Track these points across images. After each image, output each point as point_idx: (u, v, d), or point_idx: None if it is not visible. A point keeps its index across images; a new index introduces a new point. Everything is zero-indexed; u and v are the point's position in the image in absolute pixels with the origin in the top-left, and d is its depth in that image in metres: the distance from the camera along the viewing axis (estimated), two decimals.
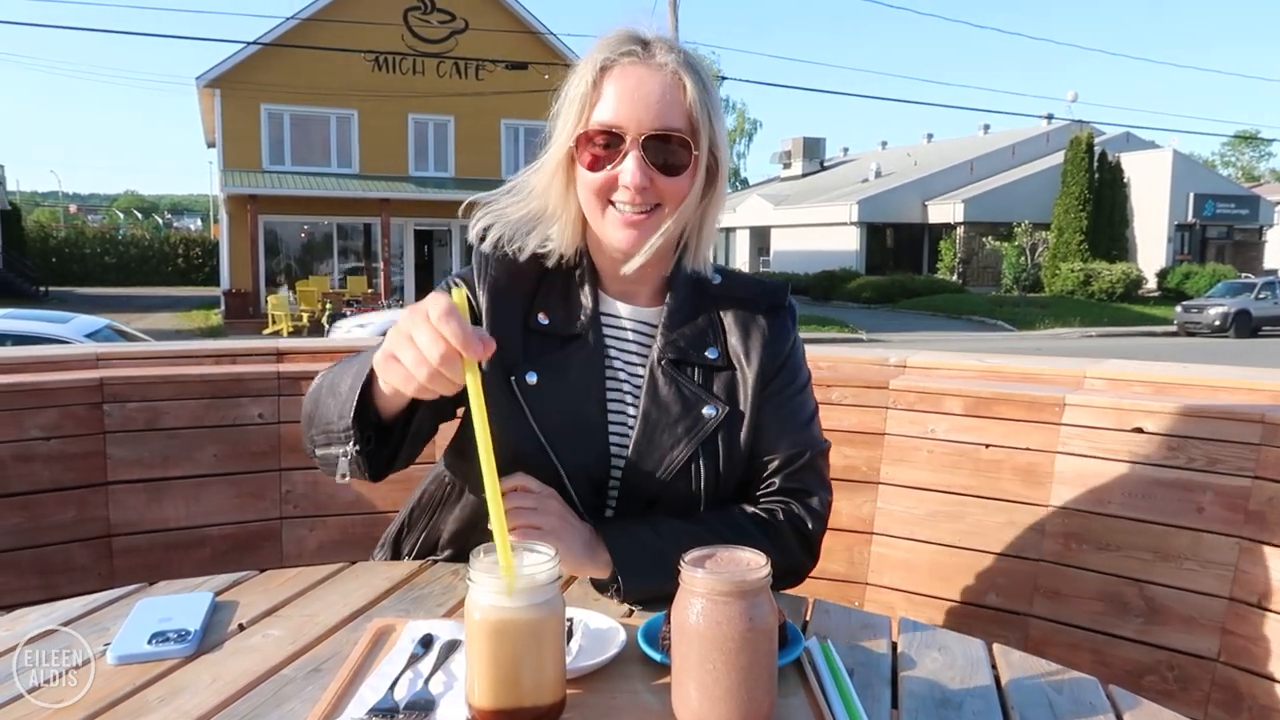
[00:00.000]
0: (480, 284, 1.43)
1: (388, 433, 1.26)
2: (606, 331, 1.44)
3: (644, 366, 1.42)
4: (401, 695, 0.99)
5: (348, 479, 1.25)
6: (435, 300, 1.02)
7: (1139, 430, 1.94)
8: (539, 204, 1.43)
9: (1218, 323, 23.74)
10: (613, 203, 1.34)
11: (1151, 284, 31.79)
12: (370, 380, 1.18)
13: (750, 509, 1.40)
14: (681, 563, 0.93)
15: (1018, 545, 2.04)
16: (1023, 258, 29.57)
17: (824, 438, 1.47)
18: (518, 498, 1.28)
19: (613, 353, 1.44)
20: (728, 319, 1.46)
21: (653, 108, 1.32)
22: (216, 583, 1.39)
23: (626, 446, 1.39)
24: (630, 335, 1.46)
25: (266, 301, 22.25)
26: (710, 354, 1.43)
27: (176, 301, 32.24)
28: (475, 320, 1.02)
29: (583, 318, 1.42)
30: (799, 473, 1.41)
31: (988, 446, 2.10)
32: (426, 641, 1.12)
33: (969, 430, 2.12)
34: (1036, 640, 1.98)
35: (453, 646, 1.10)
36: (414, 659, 1.07)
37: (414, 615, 1.28)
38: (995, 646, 1.21)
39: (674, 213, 1.35)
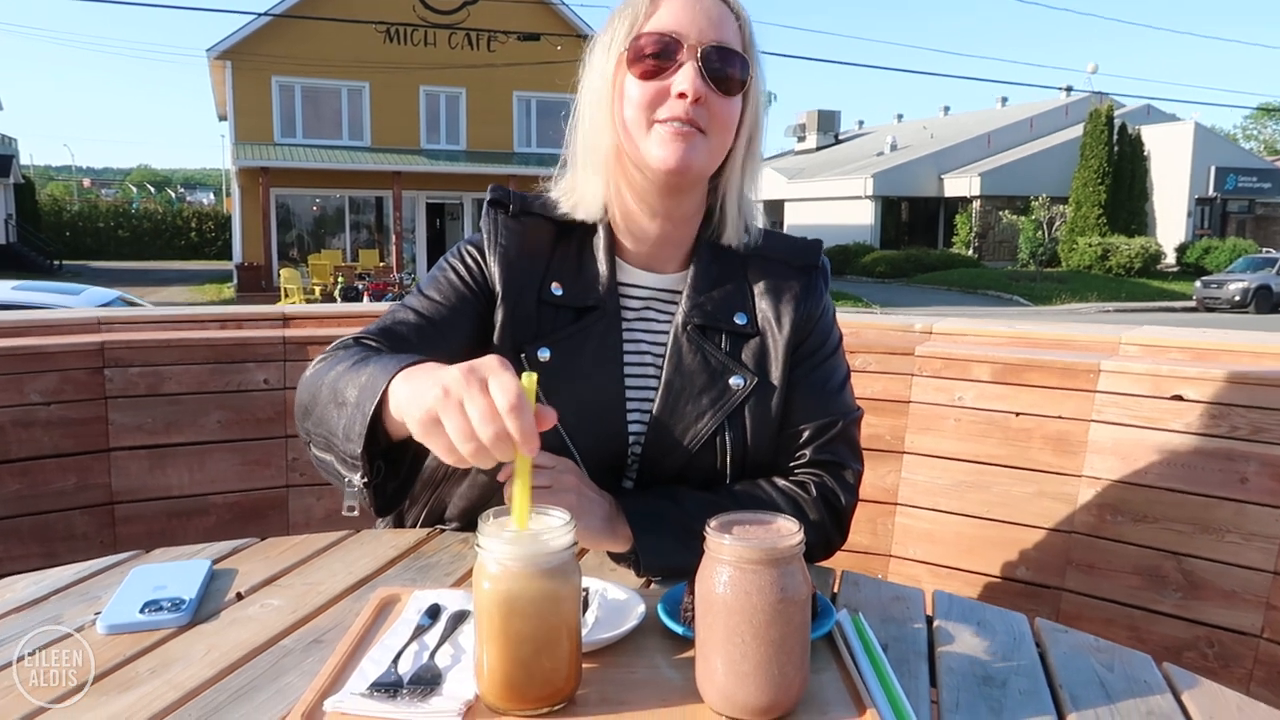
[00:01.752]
0: (491, 252, 1.35)
1: (397, 461, 1.15)
2: (626, 302, 1.36)
3: (667, 334, 1.35)
4: (406, 669, 0.93)
5: (355, 512, 1.15)
6: (498, 374, 0.89)
7: (1179, 398, 1.85)
8: (569, 151, 1.35)
9: (1238, 298, 23.44)
10: (658, 121, 1.25)
11: (1170, 259, 31.42)
12: (380, 403, 1.04)
13: (779, 482, 1.32)
14: (707, 528, 0.86)
15: (1049, 517, 1.96)
16: (1039, 232, 29.25)
17: (856, 405, 1.40)
18: (535, 474, 1.21)
19: (633, 324, 1.36)
20: (757, 283, 1.38)
21: (713, 20, 1.25)
22: (215, 550, 1.33)
23: (647, 420, 1.32)
24: (653, 304, 1.38)
25: (279, 275, 22.22)
26: (739, 320, 1.35)
27: (189, 275, 32.28)
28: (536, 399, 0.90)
29: (600, 288, 1.34)
30: (831, 443, 1.34)
31: (1017, 415, 2.02)
32: (433, 612, 1.06)
33: (998, 398, 2.04)
34: (1069, 615, 1.91)
35: (461, 617, 1.04)
36: (419, 630, 1.00)
37: (421, 584, 1.21)
38: (1038, 621, 1.13)
39: (720, 142, 1.27)
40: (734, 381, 1.32)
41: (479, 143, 26.03)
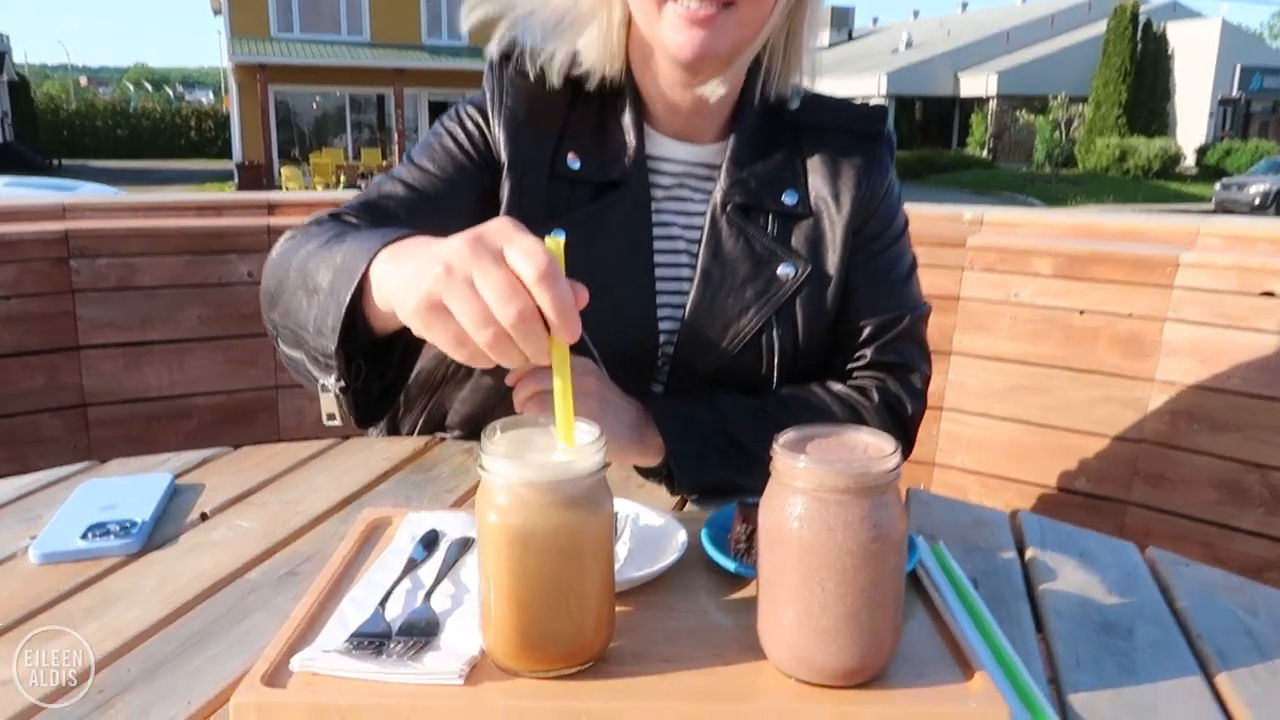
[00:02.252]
0: (495, 115, 1.13)
1: (382, 358, 0.95)
2: (655, 178, 1.15)
3: (704, 216, 1.13)
4: (395, 614, 0.75)
5: (336, 420, 0.95)
6: (516, 238, 0.68)
7: (1269, 294, 1.65)
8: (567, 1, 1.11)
9: (1257, 201, 22.89)
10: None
11: (1190, 161, 30.69)
12: (360, 288, 0.84)
13: (835, 386, 1.13)
14: (775, 446, 0.67)
15: (1115, 424, 1.78)
16: (1057, 132, 28.51)
17: (923, 298, 1.19)
18: (541, 374, 1.01)
19: (663, 203, 1.15)
20: (811, 154, 1.16)
21: None
22: (180, 462, 1.15)
23: (680, 317, 1.12)
24: (687, 181, 1.16)
25: (280, 174, 21.79)
26: (788, 198, 1.14)
27: (189, 175, 31.74)
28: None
29: (625, 160, 1.13)
30: (895, 342, 1.14)
31: (1081, 313, 1.81)
32: (430, 540, 0.88)
33: (1060, 294, 1.84)
34: (1134, 530, 1.75)
35: (464, 546, 0.86)
36: (412, 565, 0.82)
37: (416, 504, 1.03)
38: (1150, 551, 0.95)
39: (753, 12, 1.03)
40: (782, 270, 1.12)
41: (483, 38, 25.18)
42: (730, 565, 0.81)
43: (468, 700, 0.65)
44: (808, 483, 0.64)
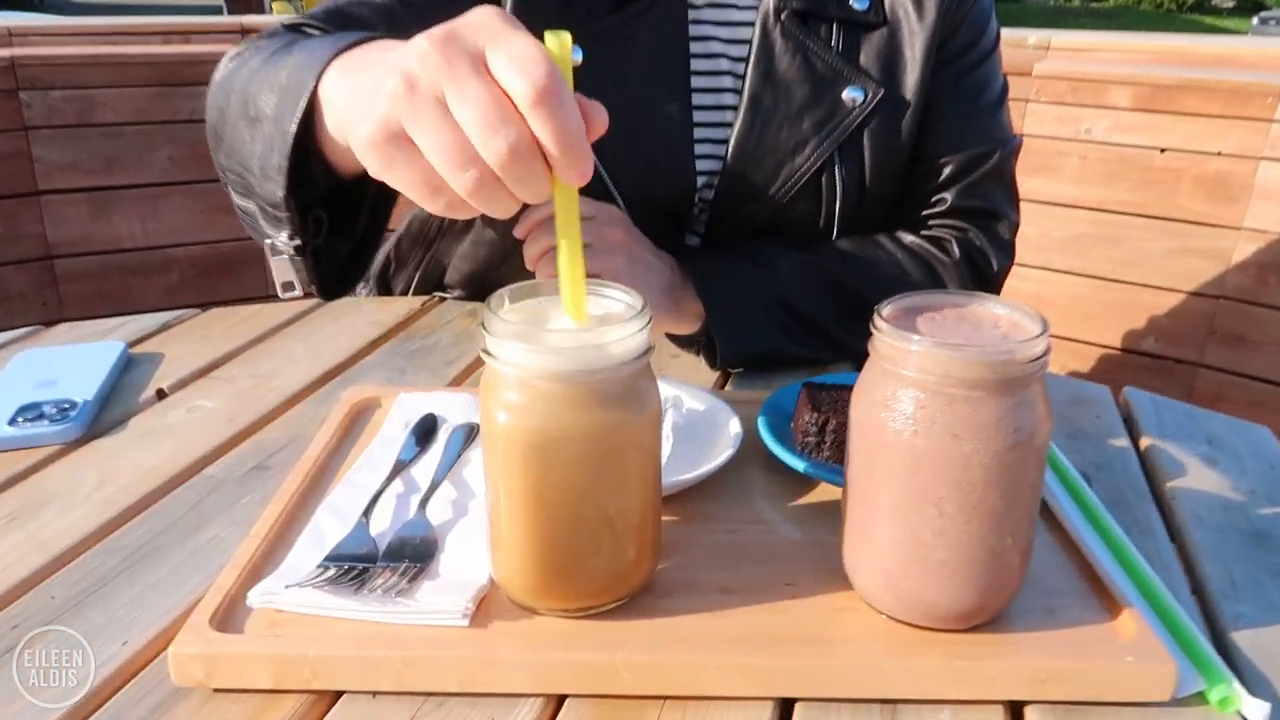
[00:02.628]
0: None
1: (349, 207, 0.76)
2: None
3: (751, 28, 0.92)
4: (383, 527, 0.60)
5: (295, 292, 0.76)
6: (503, 35, 0.48)
7: None
8: None
9: None
10: None
11: None
12: (311, 113, 0.64)
13: (905, 237, 0.95)
14: (877, 318, 0.50)
15: (1192, 278, 1.60)
16: None
17: (1014, 129, 0.99)
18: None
19: (702, 11, 0.93)
20: None
21: None
22: (136, 327, 0.99)
23: (722, 155, 0.92)
24: None
25: (269, 3, 20.80)
26: (857, 3, 0.92)
27: (178, 7, 30.40)
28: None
29: None
30: (981, 184, 0.95)
31: (1163, 151, 1.60)
32: (426, 428, 0.72)
33: (1139, 130, 1.62)
34: (1205, 395, 1.59)
35: (470, 435, 0.71)
36: (401, 466, 0.67)
37: (410, 379, 0.87)
38: None
39: None
40: (849, 95, 0.91)
41: None
42: (799, 464, 0.65)
43: (475, 650, 0.51)
44: (926, 371, 0.48)
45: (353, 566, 0.55)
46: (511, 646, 0.51)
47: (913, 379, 0.48)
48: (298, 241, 0.71)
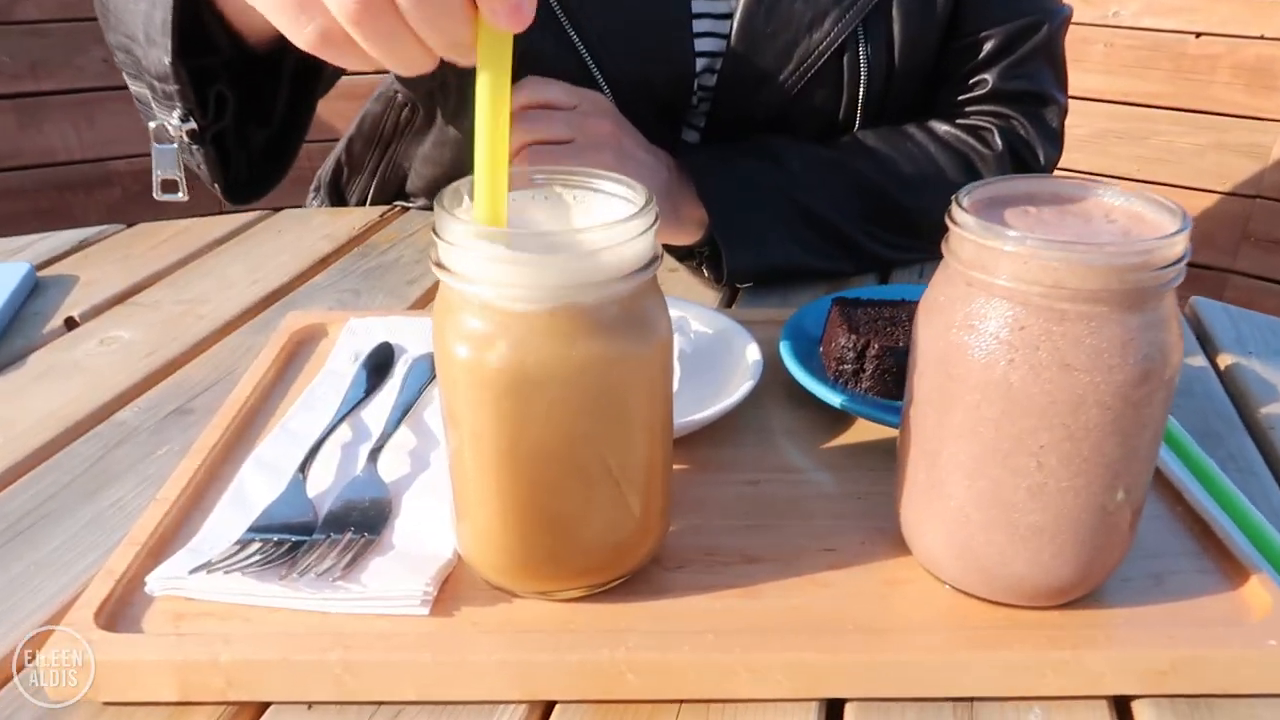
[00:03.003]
0: None
1: (264, 83, 0.63)
2: None
3: None
4: (324, 487, 0.48)
5: (179, 194, 0.63)
6: None
7: None
8: None
9: None
10: None
11: None
12: None
13: (939, 127, 0.82)
14: (957, 210, 0.38)
15: (1226, 176, 1.47)
16: None
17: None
18: (538, 119, 0.68)
19: None
20: None
21: None
22: (47, 246, 0.85)
23: (726, 33, 0.78)
24: None
25: None
26: None
27: None
28: None
29: None
30: (1027, 62, 0.82)
31: (1198, 36, 1.46)
32: (380, 362, 0.60)
33: (1172, 11, 1.48)
34: (1236, 304, 1.48)
35: (433, 369, 0.59)
36: (348, 408, 0.55)
37: (364, 305, 0.75)
38: None
39: None
40: None
41: None
42: (834, 398, 0.53)
43: (434, 649, 0.39)
44: (1029, 280, 0.35)
45: (283, 540, 0.44)
46: (484, 642, 0.40)
47: (1009, 291, 0.36)
48: (192, 125, 0.58)
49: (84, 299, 0.75)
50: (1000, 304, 0.37)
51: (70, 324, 0.72)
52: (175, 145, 0.59)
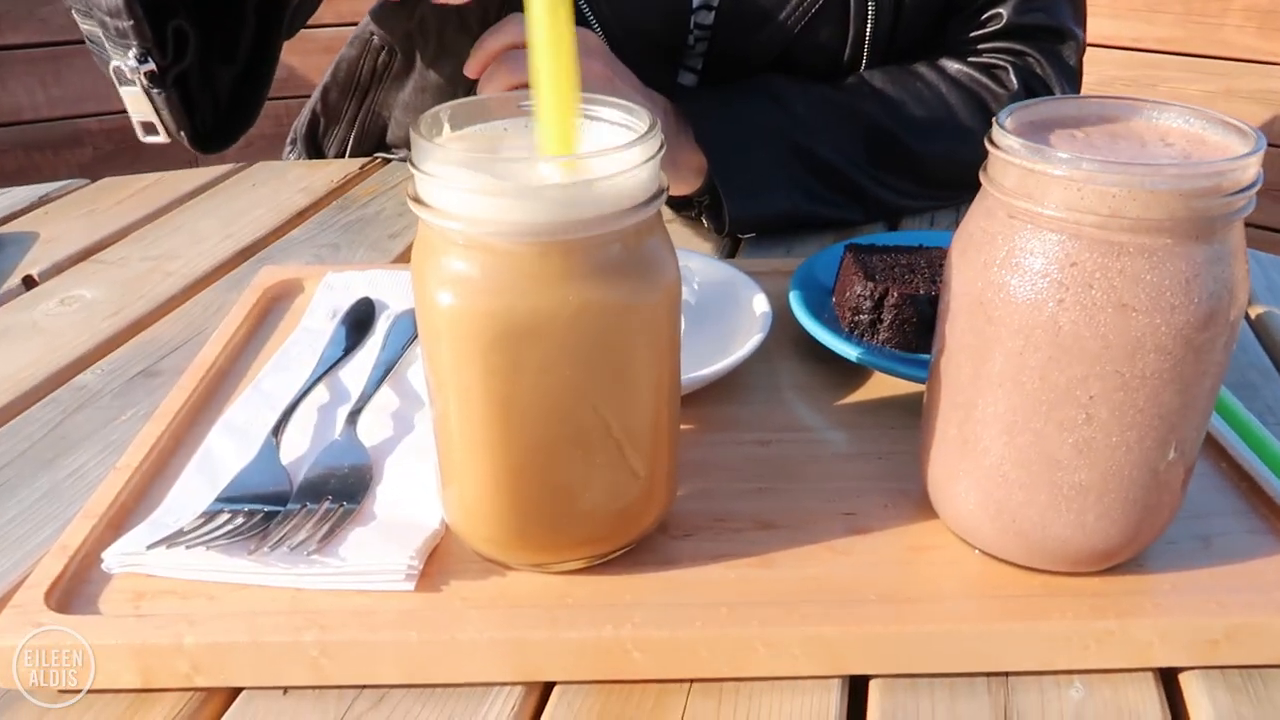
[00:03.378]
0: None
1: (225, 18, 0.59)
2: None
3: None
4: (299, 453, 0.44)
5: (158, 136, 0.59)
6: None
7: None
8: None
9: None
10: None
11: None
12: None
13: (950, 66, 0.77)
14: (997, 129, 0.34)
15: None
16: None
17: None
18: (521, 59, 0.63)
19: None
20: None
21: None
22: (7, 202, 0.81)
23: None
24: None
25: None
26: None
27: None
28: None
29: None
30: None
31: None
32: (360, 318, 0.56)
33: None
34: None
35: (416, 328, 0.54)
36: (326, 368, 0.51)
37: (343, 259, 0.71)
38: None
39: None
40: None
41: None
42: (850, 351, 0.49)
43: (420, 628, 0.36)
44: (1082, 209, 0.31)
45: (253, 511, 0.40)
46: (475, 619, 0.36)
47: (1059, 222, 0.32)
48: (150, 66, 0.53)
49: (44, 256, 0.71)
50: (1049, 237, 0.33)
51: (29, 283, 0.67)
52: (136, 88, 0.55)
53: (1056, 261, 0.32)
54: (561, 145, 0.33)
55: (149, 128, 0.57)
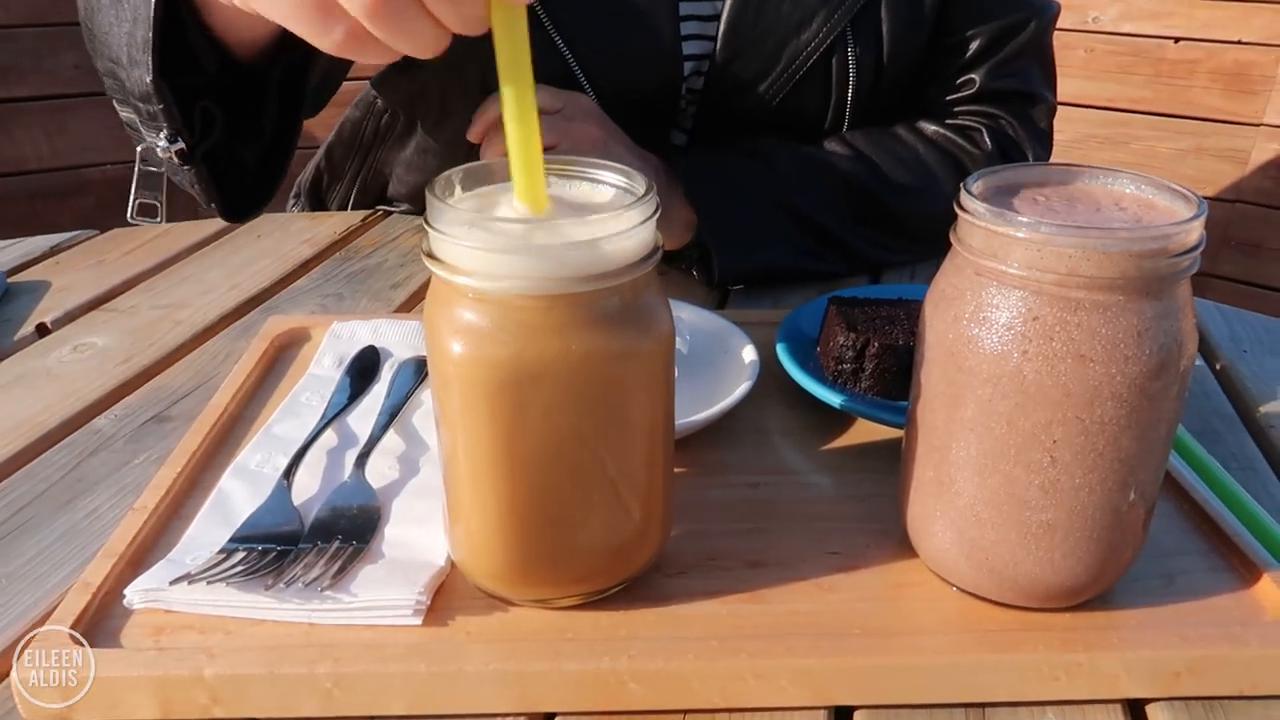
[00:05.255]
0: None
1: (249, 100, 0.62)
2: None
3: None
4: (309, 494, 0.47)
5: (158, 220, 0.62)
6: None
7: None
8: None
9: None
10: None
11: None
12: None
13: (927, 128, 0.81)
14: (965, 196, 0.37)
15: (1206, 181, 1.48)
16: None
17: None
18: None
19: None
20: None
21: None
22: (19, 251, 0.83)
23: (713, 34, 0.77)
24: None
25: None
26: None
27: None
28: None
29: None
30: (1015, 60, 0.81)
31: (1177, 41, 1.47)
32: (365, 366, 0.58)
33: (1150, 17, 1.49)
34: None
35: (419, 373, 0.57)
36: (334, 413, 0.53)
37: (347, 309, 0.73)
38: None
39: None
40: None
41: None
42: (833, 398, 0.52)
43: (428, 660, 0.38)
44: (1042, 268, 0.34)
45: (268, 549, 0.42)
46: (480, 651, 0.38)
47: (1022, 279, 0.35)
48: (181, 145, 0.56)
49: (56, 305, 0.73)
50: (1013, 293, 0.36)
51: (42, 330, 0.70)
52: (162, 169, 0.58)
53: (1020, 316, 0.35)
54: (533, 202, 0.36)
55: (146, 209, 0.60)
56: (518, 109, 0.36)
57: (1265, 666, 0.38)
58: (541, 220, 0.36)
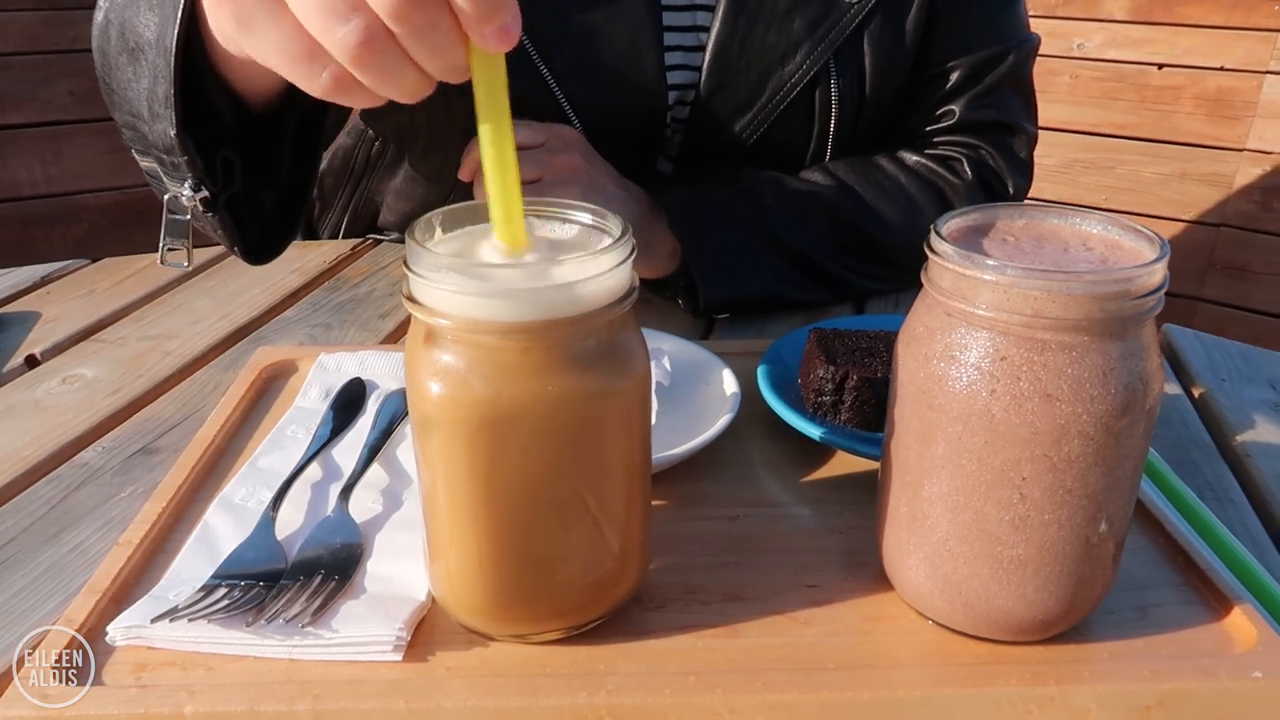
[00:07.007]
0: None
1: (265, 147, 0.63)
2: None
3: None
4: (293, 529, 0.47)
5: (183, 263, 0.63)
6: None
7: None
8: None
9: None
10: None
11: None
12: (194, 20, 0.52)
13: (909, 158, 0.82)
14: (935, 239, 0.37)
15: (1191, 205, 1.50)
16: None
17: (1030, 29, 0.86)
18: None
19: None
20: None
21: None
22: (10, 282, 0.84)
23: (698, 64, 0.78)
24: None
25: None
26: None
27: None
28: None
29: None
30: (994, 91, 0.82)
31: (1161, 68, 1.49)
32: (351, 398, 0.59)
33: (1135, 44, 1.51)
34: (1205, 331, 1.50)
35: (405, 406, 0.57)
36: (319, 445, 0.54)
37: (336, 339, 0.74)
38: None
39: None
40: None
41: None
42: (813, 430, 0.53)
43: (407, 696, 0.38)
44: (1009, 310, 0.35)
45: (250, 585, 0.42)
46: (459, 687, 0.39)
47: (990, 320, 0.36)
48: (204, 194, 0.57)
49: (46, 336, 0.73)
50: (981, 334, 0.36)
51: (31, 362, 0.70)
52: (188, 216, 0.59)
53: (988, 356, 0.36)
54: (512, 241, 0.37)
55: (175, 254, 0.61)
56: (495, 150, 0.37)
57: (1234, 700, 0.39)
58: (518, 264, 0.37)
